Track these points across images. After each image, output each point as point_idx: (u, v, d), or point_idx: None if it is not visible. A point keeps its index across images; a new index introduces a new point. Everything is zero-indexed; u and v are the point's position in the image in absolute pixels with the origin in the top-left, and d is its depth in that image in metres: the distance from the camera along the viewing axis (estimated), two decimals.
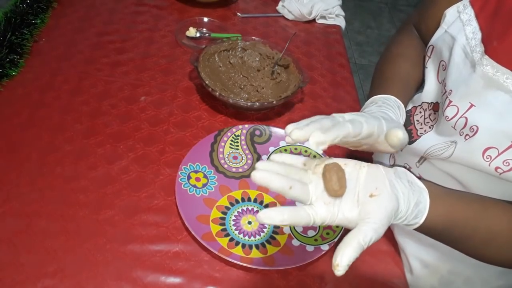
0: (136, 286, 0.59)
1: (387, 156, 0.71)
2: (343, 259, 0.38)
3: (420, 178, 0.47)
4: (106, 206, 0.67)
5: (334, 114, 0.47)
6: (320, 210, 0.42)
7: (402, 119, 0.59)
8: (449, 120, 0.55)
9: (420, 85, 0.68)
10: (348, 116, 0.48)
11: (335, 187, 0.42)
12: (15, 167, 0.69)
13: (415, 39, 0.71)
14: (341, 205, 0.42)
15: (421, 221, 0.45)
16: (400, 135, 0.46)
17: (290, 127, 0.43)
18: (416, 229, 0.47)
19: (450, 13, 0.59)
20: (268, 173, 0.42)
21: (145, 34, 1.00)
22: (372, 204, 0.42)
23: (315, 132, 0.41)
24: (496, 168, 0.51)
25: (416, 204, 0.45)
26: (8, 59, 0.83)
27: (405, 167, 0.65)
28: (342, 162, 0.46)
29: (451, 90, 0.55)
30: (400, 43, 0.72)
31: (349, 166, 0.45)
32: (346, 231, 0.42)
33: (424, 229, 0.47)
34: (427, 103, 0.63)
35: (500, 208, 0.50)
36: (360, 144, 0.49)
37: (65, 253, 0.61)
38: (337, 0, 1.17)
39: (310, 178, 0.44)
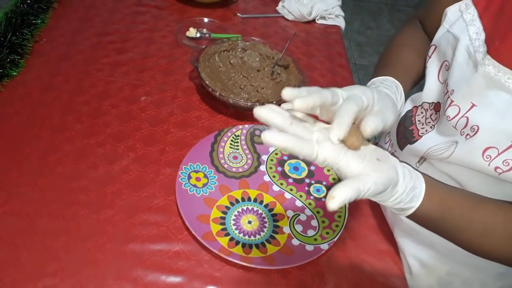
0: (136, 285, 0.59)
1: None
2: (340, 194, 0.38)
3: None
4: (106, 205, 0.67)
5: (332, 89, 0.46)
6: (325, 148, 0.41)
7: (400, 97, 0.59)
8: (450, 120, 0.55)
9: (423, 76, 0.68)
10: (346, 93, 0.46)
11: (354, 137, 0.42)
12: (15, 167, 0.70)
13: (420, 32, 0.72)
14: (348, 154, 0.41)
15: (416, 205, 0.45)
16: (371, 123, 0.43)
17: (289, 92, 0.42)
18: (410, 217, 0.47)
19: (452, 11, 0.59)
20: (271, 109, 0.41)
21: (145, 34, 1.00)
22: (377, 165, 0.42)
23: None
24: (496, 168, 0.51)
25: (412, 188, 0.45)
26: (8, 59, 0.83)
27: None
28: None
29: (453, 90, 0.55)
30: (404, 34, 0.72)
31: (369, 144, 0.45)
32: (345, 231, 0.42)
33: (418, 217, 0.47)
34: (428, 103, 0.63)
35: (496, 203, 0.50)
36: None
37: (66, 253, 0.61)
38: (337, 1, 1.17)
39: (319, 126, 0.44)
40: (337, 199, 0.38)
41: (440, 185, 0.49)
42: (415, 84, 0.68)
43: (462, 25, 0.56)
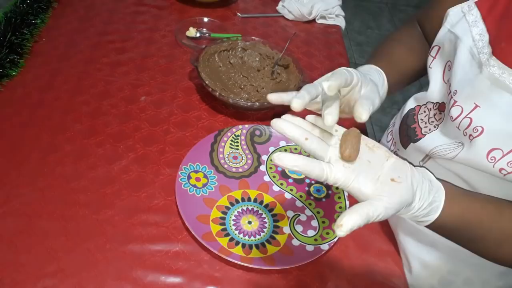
0: (136, 285, 0.59)
1: None
2: (348, 222, 0.38)
3: (439, 179, 0.47)
4: (106, 206, 0.67)
5: (319, 80, 0.49)
6: (337, 169, 0.41)
7: (382, 83, 0.60)
8: (454, 120, 0.55)
9: (416, 74, 0.69)
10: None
11: (348, 150, 0.42)
12: (15, 167, 0.69)
13: (416, 31, 0.72)
14: (360, 176, 0.42)
15: (433, 219, 0.45)
16: (361, 107, 0.45)
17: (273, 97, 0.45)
18: (427, 226, 0.47)
19: (454, 12, 0.59)
20: (288, 122, 0.42)
21: (145, 34, 1.00)
22: (390, 187, 0.42)
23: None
24: (500, 170, 0.51)
25: (430, 204, 0.44)
26: (8, 59, 0.83)
27: None
28: (373, 143, 0.46)
29: (456, 91, 0.55)
30: (400, 31, 0.74)
31: (381, 149, 0.45)
32: None
33: (435, 228, 0.47)
34: (432, 103, 0.63)
35: None
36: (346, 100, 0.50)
37: (65, 253, 0.61)
38: (337, 0, 1.17)
39: (334, 141, 0.45)
40: (344, 227, 0.38)
41: (461, 196, 0.48)
42: (405, 77, 0.68)
43: (465, 26, 0.56)
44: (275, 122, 0.42)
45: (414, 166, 0.46)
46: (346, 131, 0.45)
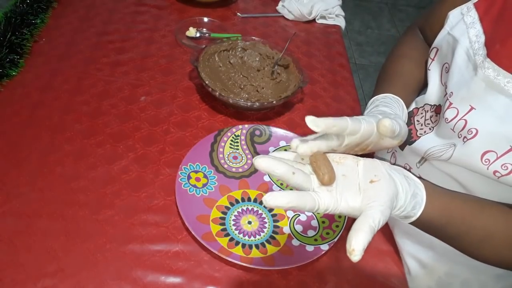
0: (136, 286, 0.59)
1: (388, 156, 0.71)
2: (358, 244, 0.38)
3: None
4: (106, 206, 0.67)
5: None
6: (324, 196, 0.42)
7: (402, 113, 0.60)
8: (449, 122, 0.55)
9: (423, 86, 0.68)
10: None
11: (326, 174, 0.42)
12: (15, 167, 0.69)
13: (419, 41, 0.72)
14: (344, 194, 0.42)
15: (419, 212, 0.46)
16: (386, 122, 0.46)
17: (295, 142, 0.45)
18: (413, 223, 0.47)
19: (454, 14, 0.59)
20: (271, 159, 0.43)
21: (145, 34, 1.00)
22: (374, 189, 0.42)
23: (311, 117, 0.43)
24: (495, 172, 0.51)
25: (413, 195, 0.45)
26: (8, 59, 0.83)
27: (405, 168, 0.65)
28: (338, 156, 0.47)
29: (451, 92, 0.55)
30: (404, 45, 0.73)
31: (348, 159, 0.46)
32: (346, 231, 0.42)
33: (421, 224, 0.47)
34: (430, 105, 0.63)
35: (497, 209, 0.50)
36: (366, 145, 0.49)
37: (65, 253, 0.61)
38: (337, 0, 1.17)
39: (308, 169, 0.45)
40: (357, 250, 0.38)
41: (441, 191, 0.49)
42: (417, 92, 0.68)
43: (463, 28, 0.56)
44: (258, 162, 0.42)
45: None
46: (312, 157, 0.45)
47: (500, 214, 0.49)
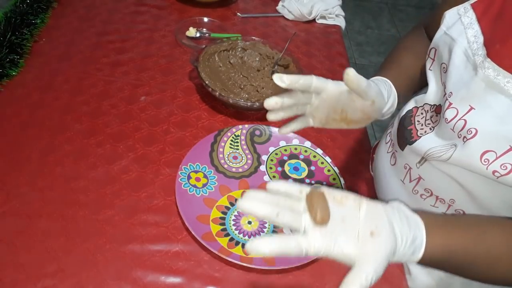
0: (136, 286, 0.59)
1: (387, 158, 0.70)
2: None
3: (416, 210, 0.45)
4: (106, 206, 0.67)
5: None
6: (315, 239, 0.39)
7: (387, 91, 0.60)
8: (448, 122, 0.55)
9: (423, 85, 0.68)
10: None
11: (319, 215, 0.40)
12: (15, 167, 0.69)
13: (421, 36, 0.73)
14: (339, 239, 0.40)
15: (419, 256, 0.44)
16: (350, 71, 0.47)
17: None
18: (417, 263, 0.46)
19: (450, 15, 0.59)
20: (254, 201, 0.40)
21: (145, 34, 1.00)
22: (372, 244, 0.40)
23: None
24: (494, 172, 0.51)
25: (412, 241, 0.43)
26: (8, 59, 0.83)
27: (405, 168, 0.65)
28: (340, 194, 0.43)
29: (451, 93, 0.55)
30: (407, 39, 0.75)
31: (349, 199, 0.43)
32: None
33: (424, 262, 0.45)
34: (429, 105, 0.63)
35: (497, 230, 0.48)
36: (341, 110, 0.54)
37: (65, 253, 0.61)
38: (337, 0, 1.17)
39: (303, 205, 0.42)
40: None
41: (441, 224, 0.47)
42: (415, 86, 0.68)
43: (460, 28, 0.56)
44: (241, 204, 0.40)
45: (387, 202, 0.44)
46: (308, 193, 0.42)
47: (501, 235, 0.48)
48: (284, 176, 0.76)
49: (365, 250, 0.39)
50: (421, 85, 0.70)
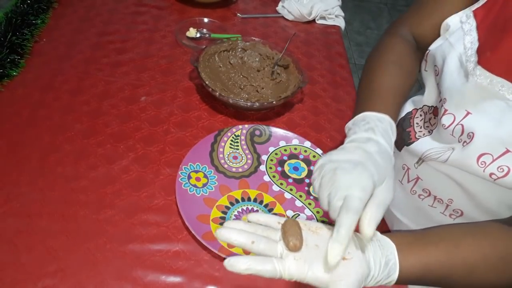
0: (136, 285, 0.59)
1: None
2: None
3: (386, 231, 0.46)
4: (106, 206, 0.67)
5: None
6: (289, 265, 0.41)
7: (394, 139, 0.52)
8: (446, 128, 0.55)
9: (420, 87, 0.68)
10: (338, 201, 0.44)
11: (291, 241, 0.42)
12: (15, 167, 0.69)
13: (408, 44, 0.65)
14: (313, 264, 0.41)
15: (395, 277, 0.45)
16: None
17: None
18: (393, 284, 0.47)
19: (453, 22, 0.58)
20: (231, 230, 0.43)
21: (145, 34, 1.00)
22: (344, 267, 0.41)
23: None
24: (491, 174, 0.51)
25: (386, 263, 0.44)
26: (8, 59, 0.83)
27: (403, 168, 0.65)
28: (316, 225, 0.46)
29: (445, 99, 0.56)
30: (392, 49, 0.63)
31: (324, 229, 0.45)
32: None
33: (402, 282, 0.46)
34: (428, 106, 0.63)
35: (469, 238, 0.48)
36: None
37: (66, 253, 0.61)
38: (337, 1, 1.17)
39: (279, 235, 0.44)
40: None
41: (413, 244, 0.47)
42: (406, 99, 0.66)
43: (460, 34, 0.56)
44: (219, 233, 0.43)
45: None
46: (283, 224, 0.45)
47: (475, 244, 0.48)
48: (284, 176, 0.76)
49: (337, 275, 0.41)
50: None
